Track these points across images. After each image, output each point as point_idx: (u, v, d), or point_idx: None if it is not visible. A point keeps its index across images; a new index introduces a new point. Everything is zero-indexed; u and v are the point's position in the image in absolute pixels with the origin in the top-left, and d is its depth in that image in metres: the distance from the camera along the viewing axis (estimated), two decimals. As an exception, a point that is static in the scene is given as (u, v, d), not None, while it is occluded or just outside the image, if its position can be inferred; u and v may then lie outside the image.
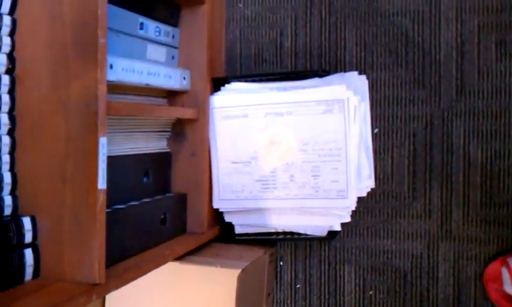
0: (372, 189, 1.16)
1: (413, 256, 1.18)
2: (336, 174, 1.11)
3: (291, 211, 1.15)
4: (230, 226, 1.19)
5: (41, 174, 0.79)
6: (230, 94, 1.16)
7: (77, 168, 0.78)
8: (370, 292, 1.20)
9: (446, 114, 1.16)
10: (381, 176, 1.19)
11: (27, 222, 0.78)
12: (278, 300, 1.26)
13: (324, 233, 1.15)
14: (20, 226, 0.77)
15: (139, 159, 1.03)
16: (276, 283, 1.26)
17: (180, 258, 1.07)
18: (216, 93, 1.16)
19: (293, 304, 1.25)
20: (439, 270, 1.17)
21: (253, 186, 1.16)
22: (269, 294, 1.22)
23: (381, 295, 1.20)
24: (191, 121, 1.13)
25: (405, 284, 1.18)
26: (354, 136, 1.10)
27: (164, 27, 1.09)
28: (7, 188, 0.78)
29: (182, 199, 1.13)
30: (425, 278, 1.18)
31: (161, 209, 1.05)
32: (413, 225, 1.18)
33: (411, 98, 1.18)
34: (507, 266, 1.09)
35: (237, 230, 1.19)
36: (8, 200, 0.78)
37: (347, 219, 1.13)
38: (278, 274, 1.26)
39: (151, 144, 1.09)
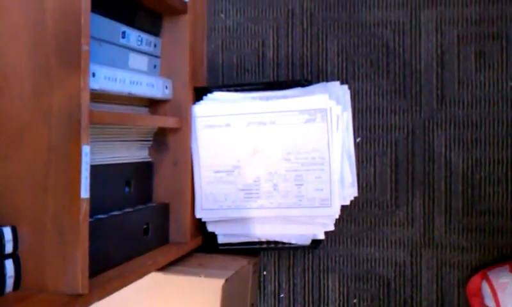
0: (355, 198, 1.17)
1: (396, 263, 1.18)
2: (320, 183, 1.11)
3: (275, 220, 1.15)
4: (213, 235, 1.18)
5: (23, 184, 0.78)
6: (212, 104, 1.15)
7: (59, 177, 0.76)
8: (354, 300, 1.20)
9: (427, 123, 1.17)
10: (364, 184, 1.20)
11: (7, 232, 0.76)
12: (262, 311, 1.26)
13: (307, 242, 1.14)
14: (0, 237, 0.75)
15: (121, 169, 1.02)
16: (260, 292, 1.25)
17: (163, 268, 1.06)
18: (198, 103, 1.16)
19: (277, 315, 1.25)
20: (422, 278, 1.17)
21: (236, 195, 1.15)
22: (252, 304, 1.21)
23: (365, 303, 1.20)
24: (173, 130, 1.12)
25: (389, 292, 1.19)
26: (337, 145, 1.10)
27: (146, 36, 1.08)
28: (-13, 197, 0.77)
29: (164, 209, 1.12)
30: (408, 286, 1.18)
31: (143, 219, 1.04)
32: (396, 233, 1.18)
33: (393, 107, 1.19)
34: (487, 279, 1.10)
35: (220, 240, 1.18)
36: (-13, 210, 0.77)
37: (331, 228, 1.13)
38: (262, 284, 1.25)
39: (133, 153, 1.07)
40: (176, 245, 1.11)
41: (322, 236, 1.15)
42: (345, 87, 1.17)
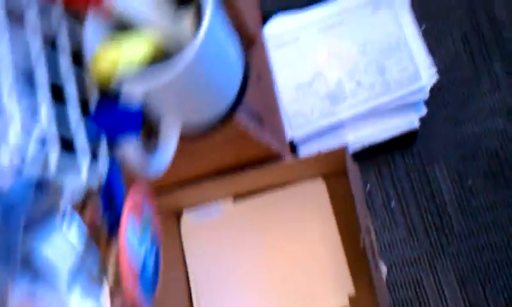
0: (437, 80, 1.14)
1: (497, 131, 1.14)
2: (403, 63, 1.10)
3: (366, 118, 1.11)
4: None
5: None
6: (280, 19, 1.17)
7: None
8: (469, 182, 1.13)
9: None
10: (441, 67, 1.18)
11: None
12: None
13: (408, 127, 1.10)
14: None
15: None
16: (368, 208, 1.16)
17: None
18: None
19: (392, 222, 1.15)
20: (528, 135, 1.13)
21: (322, 104, 1.12)
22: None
23: (480, 181, 1.13)
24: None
25: (499, 162, 1.13)
26: (407, 23, 1.11)
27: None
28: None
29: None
30: (517, 147, 1.13)
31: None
32: (487, 101, 1.16)
33: None
34: None
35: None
36: None
37: (424, 111, 1.11)
38: (369, 199, 1.17)
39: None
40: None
41: (417, 124, 1.11)
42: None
